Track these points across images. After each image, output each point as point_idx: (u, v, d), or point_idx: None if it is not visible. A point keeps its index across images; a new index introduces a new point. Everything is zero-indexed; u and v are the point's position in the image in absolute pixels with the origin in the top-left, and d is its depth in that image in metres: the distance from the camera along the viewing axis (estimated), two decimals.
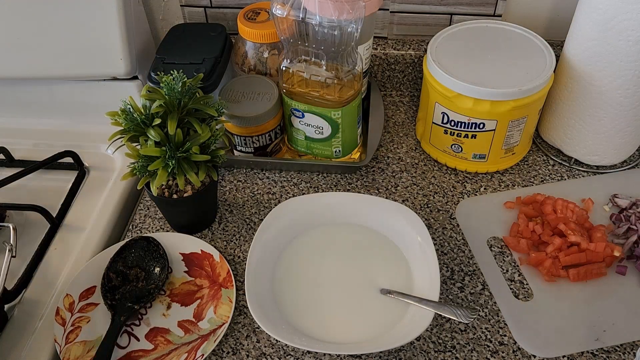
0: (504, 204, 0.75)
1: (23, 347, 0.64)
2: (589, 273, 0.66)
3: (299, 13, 0.68)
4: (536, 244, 0.70)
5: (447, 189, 0.79)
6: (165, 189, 0.70)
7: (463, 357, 0.61)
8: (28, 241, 0.75)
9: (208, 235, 0.75)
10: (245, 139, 0.79)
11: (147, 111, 0.65)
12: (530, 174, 0.80)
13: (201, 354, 0.61)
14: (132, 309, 0.65)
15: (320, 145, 0.80)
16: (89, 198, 0.81)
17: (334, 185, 0.81)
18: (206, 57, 0.78)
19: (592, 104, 0.74)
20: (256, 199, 0.79)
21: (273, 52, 0.81)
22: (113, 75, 0.85)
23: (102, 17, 0.80)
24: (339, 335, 0.62)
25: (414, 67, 0.91)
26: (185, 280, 0.70)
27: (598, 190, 0.76)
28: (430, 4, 0.87)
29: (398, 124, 0.90)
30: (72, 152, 0.84)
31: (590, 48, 0.70)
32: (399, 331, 0.60)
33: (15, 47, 0.83)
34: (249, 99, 0.77)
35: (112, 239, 0.77)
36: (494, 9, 0.86)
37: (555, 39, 0.86)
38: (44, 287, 0.70)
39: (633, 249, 0.68)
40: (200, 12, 0.93)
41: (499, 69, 0.73)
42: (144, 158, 0.64)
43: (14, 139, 0.90)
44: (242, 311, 0.66)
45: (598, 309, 0.64)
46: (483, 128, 0.74)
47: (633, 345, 0.61)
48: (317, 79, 0.73)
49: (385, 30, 0.91)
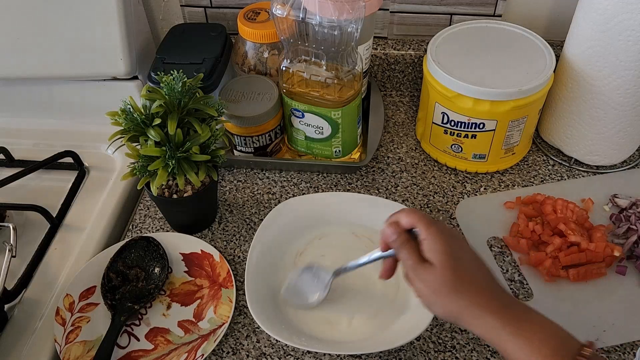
0: (504, 204, 0.75)
1: (23, 347, 0.64)
2: (589, 273, 0.66)
3: (299, 13, 0.68)
4: (536, 244, 0.70)
5: (447, 189, 0.79)
6: (165, 189, 0.70)
7: (463, 357, 0.61)
8: (28, 241, 0.75)
9: (208, 235, 0.75)
10: (245, 139, 0.79)
11: (147, 111, 0.65)
12: (530, 174, 0.80)
13: (201, 354, 0.61)
14: (132, 309, 0.65)
15: (320, 145, 0.80)
16: (89, 198, 0.81)
17: (334, 185, 0.81)
18: (206, 57, 0.78)
19: (592, 104, 0.74)
20: (256, 199, 0.79)
21: (273, 52, 0.81)
22: (113, 75, 0.85)
23: (102, 17, 0.80)
24: (339, 335, 0.62)
25: (414, 67, 0.91)
26: (185, 280, 0.70)
27: (598, 190, 0.76)
28: (430, 4, 0.87)
29: (398, 124, 0.90)
30: (72, 152, 0.84)
31: (590, 48, 0.70)
32: (399, 331, 0.60)
33: (15, 47, 0.83)
34: (249, 99, 0.77)
35: (112, 239, 0.77)
36: (494, 9, 0.86)
37: (555, 39, 0.86)
38: (44, 287, 0.70)
39: (633, 249, 0.68)
40: (200, 12, 0.93)
41: (499, 69, 0.73)
42: (144, 158, 0.64)
43: (14, 139, 0.90)
44: (242, 311, 0.66)
45: (598, 309, 0.64)
46: (483, 128, 0.74)
47: (633, 345, 0.61)
48: (317, 79, 0.73)
49: (385, 30, 0.91)
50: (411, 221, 0.52)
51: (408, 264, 0.51)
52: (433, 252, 0.50)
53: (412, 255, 0.51)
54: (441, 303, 0.49)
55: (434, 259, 0.50)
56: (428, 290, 0.50)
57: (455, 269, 0.49)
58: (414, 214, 0.52)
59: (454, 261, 0.49)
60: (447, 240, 0.50)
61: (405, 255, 0.52)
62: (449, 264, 0.49)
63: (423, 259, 0.50)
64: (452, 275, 0.49)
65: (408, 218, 0.53)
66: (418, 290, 0.51)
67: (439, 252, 0.49)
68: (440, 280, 0.49)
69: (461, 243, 0.52)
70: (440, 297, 0.49)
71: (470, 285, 0.49)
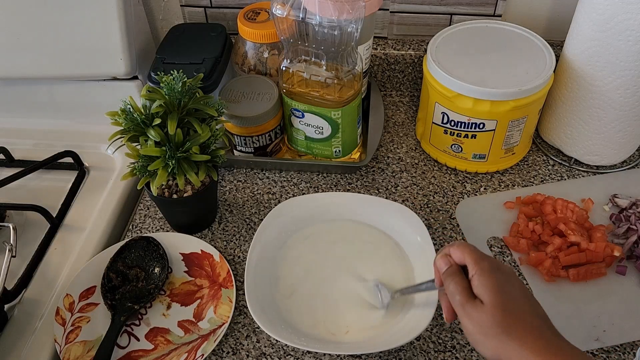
0: (504, 204, 0.75)
1: (23, 347, 0.64)
2: (589, 273, 0.66)
3: (299, 13, 0.68)
4: (536, 244, 0.70)
5: (447, 189, 0.79)
6: (165, 189, 0.70)
7: (463, 357, 0.61)
8: (28, 241, 0.75)
9: (208, 235, 0.75)
10: (245, 139, 0.79)
11: (147, 111, 0.65)
12: (530, 174, 0.80)
13: (201, 354, 0.61)
14: (132, 309, 0.65)
15: (320, 145, 0.80)
16: (89, 198, 0.81)
17: (334, 185, 0.81)
18: (206, 57, 0.78)
19: (592, 104, 0.74)
20: (256, 199, 0.79)
21: (273, 52, 0.81)
22: (113, 75, 0.85)
23: (102, 17, 0.80)
24: (338, 335, 0.62)
25: (414, 67, 0.91)
26: (185, 280, 0.70)
27: (598, 190, 0.76)
28: (430, 4, 0.87)
29: (398, 124, 0.90)
30: (72, 152, 0.84)
31: (590, 48, 0.70)
32: (399, 331, 0.60)
33: (15, 47, 0.83)
34: (249, 99, 0.77)
35: (112, 239, 0.77)
36: (494, 9, 0.86)
37: (555, 39, 0.86)
38: (44, 287, 0.70)
39: (633, 249, 0.68)
40: (200, 12, 0.93)
41: (499, 69, 0.73)
42: (144, 158, 0.64)
43: (14, 139, 0.90)
44: (242, 311, 0.66)
45: (598, 309, 0.64)
46: (483, 128, 0.74)
47: (633, 345, 0.61)
48: (317, 79, 0.73)
49: (385, 30, 0.91)
50: (460, 255, 0.50)
51: (456, 300, 0.48)
52: (483, 288, 0.47)
53: (460, 289, 0.48)
54: (490, 345, 0.46)
55: (484, 296, 0.47)
56: (476, 329, 0.47)
57: (506, 309, 0.46)
58: (464, 247, 0.50)
59: (505, 300, 0.46)
60: (498, 277, 0.47)
61: (453, 288, 0.49)
62: (500, 302, 0.46)
63: (472, 296, 0.48)
64: (502, 315, 0.45)
65: (458, 252, 0.50)
66: (465, 328, 0.48)
67: (489, 289, 0.46)
68: (490, 321, 0.46)
69: (512, 279, 0.48)
70: (488, 339, 0.46)
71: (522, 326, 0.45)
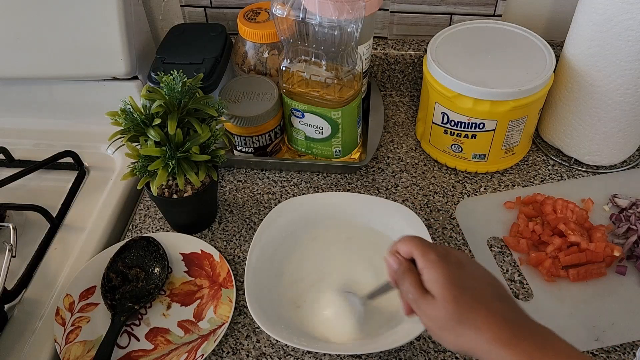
0: (504, 204, 0.75)
1: (23, 347, 0.64)
2: (589, 273, 0.66)
3: (299, 13, 0.68)
4: (536, 244, 0.70)
5: (447, 189, 0.79)
6: (165, 189, 0.70)
7: (463, 357, 0.61)
8: (28, 241, 0.75)
9: (208, 235, 0.75)
10: (245, 139, 0.79)
11: (147, 111, 0.65)
12: (530, 174, 0.80)
13: (201, 354, 0.61)
14: (132, 309, 0.65)
15: (320, 145, 0.80)
16: (89, 198, 0.81)
17: (334, 185, 0.81)
18: (206, 57, 0.78)
19: (592, 104, 0.74)
20: (256, 199, 0.79)
21: (273, 52, 0.81)
22: (113, 75, 0.85)
23: (102, 17, 0.80)
24: (338, 335, 0.62)
25: (414, 67, 0.91)
26: (185, 280, 0.70)
27: (598, 190, 0.76)
28: (430, 4, 0.87)
29: (398, 124, 0.90)
30: (72, 152, 0.84)
31: (590, 48, 0.70)
32: (399, 331, 0.60)
33: (15, 47, 0.83)
34: (249, 99, 0.77)
35: (112, 239, 0.77)
36: (494, 9, 0.86)
37: (555, 39, 0.86)
38: (44, 287, 0.70)
39: (633, 249, 0.68)
40: (200, 12, 0.93)
41: (499, 69, 0.73)
42: (144, 158, 0.64)
43: (14, 139, 0.90)
44: (242, 311, 0.66)
45: (598, 309, 0.64)
46: (483, 128, 0.74)
47: (633, 345, 0.61)
48: (317, 79, 0.73)
49: (385, 30, 0.91)
50: (408, 250, 0.48)
51: (409, 299, 0.47)
52: (432, 282, 0.46)
53: (412, 288, 0.47)
54: (449, 338, 0.45)
55: (434, 290, 0.45)
56: (433, 324, 0.46)
57: (458, 300, 0.44)
58: (410, 241, 0.48)
59: (455, 290, 0.44)
60: (447, 267, 0.46)
61: (406, 287, 0.47)
62: (450, 294, 0.44)
63: (425, 291, 0.46)
64: (454, 307, 0.44)
65: (405, 246, 0.48)
66: (424, 324, 0.47)
67: (438, 282, 0.45)
68: (443, 314, 0.44)
69: (464, 266, 0.47)
70: (446, 332, 0.45)
71: (479, 313, 0.44)
